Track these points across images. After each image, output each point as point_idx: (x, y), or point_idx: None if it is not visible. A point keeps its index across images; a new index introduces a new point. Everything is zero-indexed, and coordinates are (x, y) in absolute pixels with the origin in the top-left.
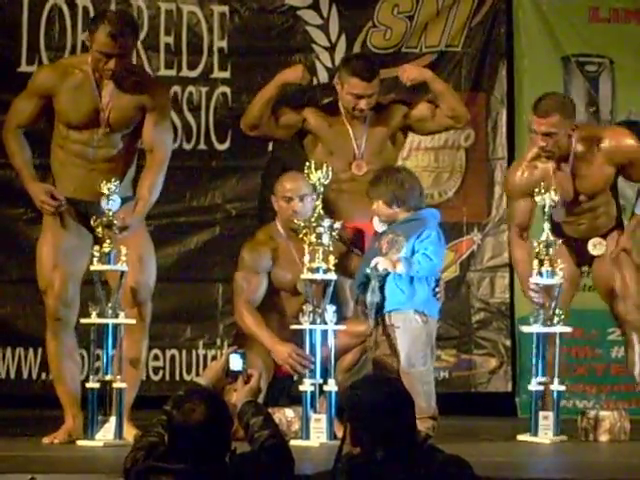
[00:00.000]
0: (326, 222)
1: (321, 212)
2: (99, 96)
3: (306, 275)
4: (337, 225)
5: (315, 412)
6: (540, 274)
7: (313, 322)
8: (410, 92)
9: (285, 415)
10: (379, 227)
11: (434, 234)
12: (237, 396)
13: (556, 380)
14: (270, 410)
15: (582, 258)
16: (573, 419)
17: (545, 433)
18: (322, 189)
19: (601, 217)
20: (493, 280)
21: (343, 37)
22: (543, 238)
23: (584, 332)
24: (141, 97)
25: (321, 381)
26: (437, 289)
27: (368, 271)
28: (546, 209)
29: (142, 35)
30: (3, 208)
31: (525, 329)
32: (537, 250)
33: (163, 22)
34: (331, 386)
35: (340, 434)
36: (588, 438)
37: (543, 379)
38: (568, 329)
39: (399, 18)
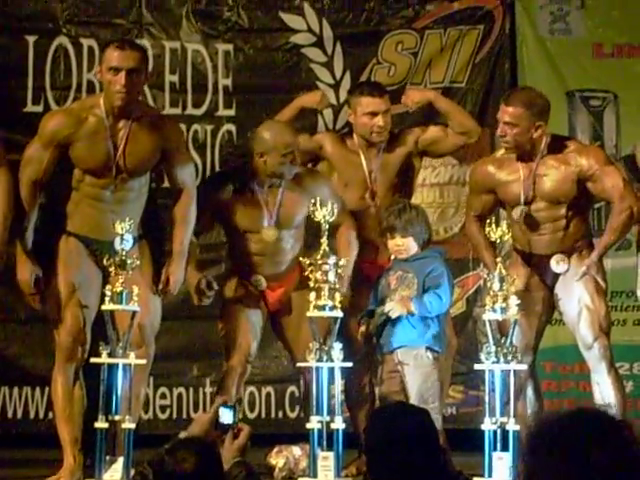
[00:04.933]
0: (332, 259)
1: (326, 249)
2: (114, 142)
3: (312, 313)
4: (343, 262)
5: (322, 450)
6: (494, 310)
7: (320, 360)
8: (420, 123)
9: (292, 453)
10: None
11: (444, 272)
12: (225, 454)
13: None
14: (277, 448)
15: (550, 281)
16: None
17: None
18: (327, 226)
19: (565, 235)
20: None
21: (348, 74)
22: (496, 273)
23: None
24: (157, 138)
25: (328, 419)
26: None
27: (379, 312)
28: (497, 244)
29: None
30: (11, 248)
31: (477, 366)
32: (490, 285)
33: (168, 61)
34: (338, 424)
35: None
36: None
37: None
38: (524, 366)
39: (403, 55)
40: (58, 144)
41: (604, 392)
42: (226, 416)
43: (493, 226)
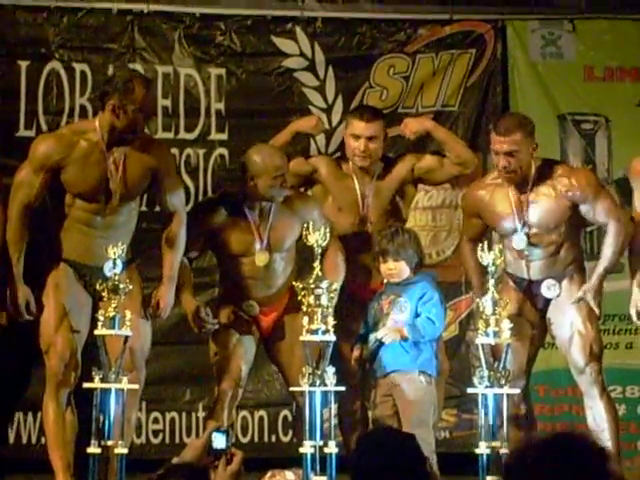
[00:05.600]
0: (324, 283)
1: (319, 273)
2: (111, 165)
3: (305, 337)
4: (336, 286)
5: (316, 474)
6: (486, 334)
7: (313, 384)
8: (413, 147)
9: (286, 478)
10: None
11: (437, 296)
12: None
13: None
14: (271, 473)
15: (541, 305)
16: None
17: None
18: (320, 250)
19: (556, 260)
20: None
21: (340, 98)
22: (489, 297)
23: None
24: (148, 162)
25: (321, 443)
26: None
27: (372, 339)
28: (489, 268)
29: None
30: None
31: (471, 390)
32: (482, 309)
33: (160, 85)
34: (331, 448)
35: None
36: None
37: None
38: (517, 390)
39: (395, 79)
40: (49, 169)
41: (597, 416)
42: (219, 441)
43: (485, 250)
